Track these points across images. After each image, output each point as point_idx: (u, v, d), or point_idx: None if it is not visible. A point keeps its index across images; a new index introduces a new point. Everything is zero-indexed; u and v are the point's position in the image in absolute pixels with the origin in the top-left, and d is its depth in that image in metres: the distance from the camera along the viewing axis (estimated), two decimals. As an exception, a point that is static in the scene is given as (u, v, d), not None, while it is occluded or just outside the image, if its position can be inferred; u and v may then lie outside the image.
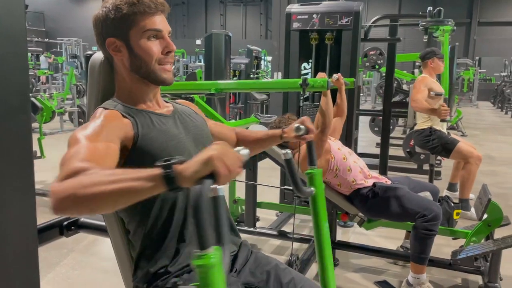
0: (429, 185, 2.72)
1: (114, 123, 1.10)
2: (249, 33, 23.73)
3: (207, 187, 0.79)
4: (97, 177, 0.84)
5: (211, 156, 0.80)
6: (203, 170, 0.80)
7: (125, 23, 1.14)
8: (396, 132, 7.73)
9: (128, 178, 0.83)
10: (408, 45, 17.09)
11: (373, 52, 5.29)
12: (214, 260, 0.78)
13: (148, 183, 0.82)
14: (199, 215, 0.78)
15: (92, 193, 0.81)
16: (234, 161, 0.84)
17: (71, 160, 0.91)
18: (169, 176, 0.81)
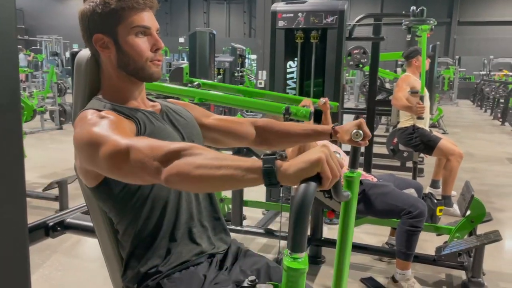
0: (413, 182, 2.76)
1: (123, 119, 1.08)
2: (233, 31, 23.68)
3: (312, 189, 0.76)
4: (204, 159, 0.85)
5: (321, 158, 0.78)
6: (309, 171, 0.78)
7: (113, 18, 1.12)
8: (379, 130, 7.82)
9: (232, 166, 0.83)
10: (390, 44, 17.26)
11: (357, 51, 5.32)
12: (305, 266, 0.76)
13: (248, 174, 0.81)
14: (301, 216, 0.75)
15: (201, 174, 0.84)
16: (338, 165, 0.81)
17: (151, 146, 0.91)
18: (269, 171, 0.79)
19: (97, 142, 0.98)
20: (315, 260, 2.84)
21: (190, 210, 1.20)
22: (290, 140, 1.42)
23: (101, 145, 0.97)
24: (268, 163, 0.80)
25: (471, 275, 2.39)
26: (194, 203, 1.21)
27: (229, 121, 1.41)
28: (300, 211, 0.76)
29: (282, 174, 0.80)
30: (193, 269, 1.16)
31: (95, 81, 1.21)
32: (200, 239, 1.21)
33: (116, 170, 0.97)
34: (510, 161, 6.32)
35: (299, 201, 0.76)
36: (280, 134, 1.40)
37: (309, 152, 0.81)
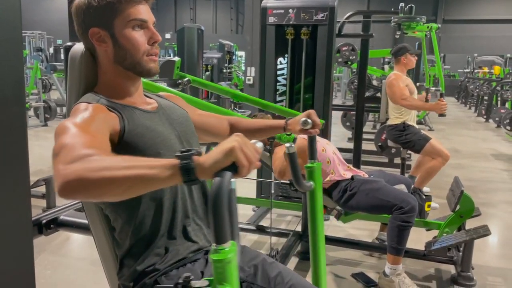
0: (403, 178, 2.78)
1: (103, 115, 1.06)
2: (220, 28, 23.58)
3: (228, 179, 0.76)
4: (110, 161, 0.81)
5: (233, 147, 0.78)
6: (224, 161, 0.78)
7: (110, 11, 1.10)
8: (367, 126, 7.87)
9: (143, 165, 0.80)
10: (376, 41, 17.41)
11: (345, 48, 5.37)
12: (231, 255, 0.76)
13: (164, 173, 0.79)
14: (218, 208, 0.75)
15: (104, 177, 0.77)
16: (253, 153, 0.81)
17: (72, 147, 0.85)
18: (188, 167, 0.78)
19: (56, 135, 0.94)
20: (307, 256, 2.85)
21: (185, 209, 1.18)
22: (253, 136, 1.45)
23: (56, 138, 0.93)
24: (185, 159, 0.79)
25: (460, 270, 2.43)
26: (188, 201, 1.20)
27: (210, 116, 1.45)
28: (216, 202, 0.76)
29: (200, 168, 0.79)
30: (190, 265, 1.15)
31: (91, 76, 1.18)
32: (196, 237, 1.19)
33: None
34: (494, 157, 6.42)
35: (214, 192, 0.76)
36: (245, 130, 1.45)
37: (223, 143, 0.81)
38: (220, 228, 0.76)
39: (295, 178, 1.42)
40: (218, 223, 0.76)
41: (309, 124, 1.37)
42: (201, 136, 1.42)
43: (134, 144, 1.08)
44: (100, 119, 1.04)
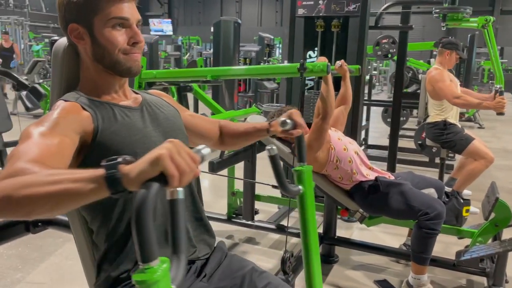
0: (434, 181, 2.58)
1: (72, 116, 1.01)
2: (265, 20, 23.45)
3: (153, 191, 0.69)
4: (36, 177, 0.75)
5: (160, 155, 0.70)
6: (151, 171, 0.70)
7: (89, 8, 1.04)
8: (410, 123, 7.52)
9: (67, 179, 0.74)
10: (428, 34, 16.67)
11: (385, 40, 5.11)
12: (158, 274, 0.68)
13: (88, 185, 0.73)
14: (141, 222, 0.67)
15: (28, 194, 0.73)
16: (188, 161, 0.73)
17: (18, 159, 0.83)
18: (113, 178, 0.71)
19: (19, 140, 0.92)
20: (328, 259, 2.73)
21: (166, 211, 1.12)
22: (238, 140, 1.41)
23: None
24: (111, 169, 0.72)
25: (492, 283, 2.22)
26: None
27: (201, 118, 1.39)
28: (139, 217, 0.67)
29: (126, 179, 0.71)
30: (168, 274, 1.09)
31: (73, 72, 1.14)
32: None
33: None
34: (550, 159, 5.93)
35: (136, 206, 0.68)
36: (231, 134, 1.40)
37: (152, 151, 0.73)
38: (143, 245, 0.68)
39: (279, 182, 1.33)
40: (141, 239, 0.68)
41: (288, 124, 1.27)
42: (190, 138, 1.35)
43: (109, 143, 1.03)
44: (68, 120, 0.99)
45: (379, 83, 15.80)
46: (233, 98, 6.01)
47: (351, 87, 2.64)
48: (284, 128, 1.27)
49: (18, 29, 12.92)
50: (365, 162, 2.41)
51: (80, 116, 1.02)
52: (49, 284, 2.41)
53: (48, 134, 0.92)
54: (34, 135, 0.91)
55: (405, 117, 6.84)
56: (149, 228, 0.68)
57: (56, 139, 0.93)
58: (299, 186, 1.40)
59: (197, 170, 0.75)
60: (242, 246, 2.95)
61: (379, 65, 14.88)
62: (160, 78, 2.60)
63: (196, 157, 0.76)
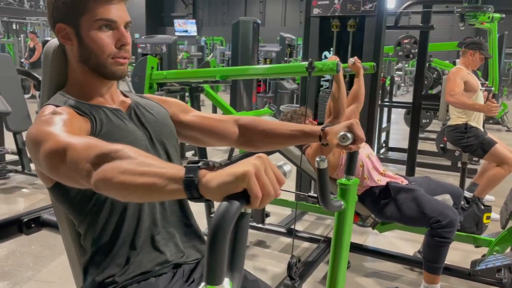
0: (450, 187, 2.48)
1: (77, 118, 1.01)
2: (288, 21, 23.33)
3: (234, 209, 0.63)
4: (130, 164, 0.76)
5: (247, 172, 0.65)
6: (234, 186, 0.65)
7: (77, 8, 1.02)
8: (435, 125, 7.32)
9: (155, 173, 0.73)
10: (456, 34, 16.21)
11: (407, 40, 4.98)
12: None
13: (170, 184, 0.70)
14: (216, 240, 0.62)
15: (122, 181, 0.75)
16: (273, 182, 0.68)
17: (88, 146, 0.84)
18: (191, 182, 0.68)
19: (40, 141, 0.91)
20: (339, 265, 2.66)
21: (153, 216, 1.09)
22: (275, 141, 1.26)
23: (42, 143, 0.90)
24: (189, 173, 0.68)
25: (510, 295, 2.12)
26: (158, 208, 1.10)
27: (210, 118, 1.29)
28: (216, 235, 0.62)
29: (204, 187, 0.67)
30: (153, 280, 1.06)
31: (62, 73, 1.13)
32: (165, 247, 1.10)
33: (54, 171, 0.90)
34: None
35: (215, 223, 0.62)
36: (265, 134, 1.24)
37: (239, 163, 0.67)
38: (215, 266, 0.63)
39: (322, 198, 1.21)
40: (213, 260, 0.62)
41: (348, 139, 1.12)
42: (203, 139, 1.30)
43: None
44: (76, 120, 0.99)
45: (405, 84, 15.47)
46: (252, 98, 5.96)
47: (364, 86, 2.57)
48: (344, 143, 1.13)
49: (47, 30, 13.26)
50: (376, 167, 2.34)
51: (79, 118, 1.02)
52: (58, 283, 2.44)
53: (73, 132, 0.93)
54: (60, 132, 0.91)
55: (428, 119, 6.65)
56: (224, 248, 0.63)
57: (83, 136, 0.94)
58: (341, 202, 1.29)
59: (279, 191, 0.69)
60: (252, 249, 2.91)
61: (405, 65, 14.57)
62: (170, 78, 2.59)
63: (282, 178, 0.70)
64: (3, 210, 3.49)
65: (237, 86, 5.66)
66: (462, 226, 2.57)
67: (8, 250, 2.76)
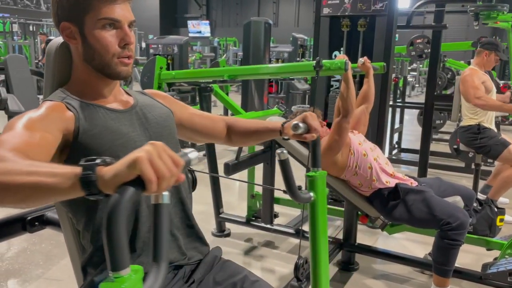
0: (462, 188, 2.43)
1: (56, 114, 1.00)
2: (302, 21, 23.25)
3: (128, 196, 0.65)
4: (14, 165, 0.74)
5: (138, 158, 0.66)
6: (127, 174, 0.67)
7: (81, 7, 1.03)
8: (449, 126, 7.21)
9: (45, 172, 0.72)
10: (472, 33, 15.97)
11: (419, 40, 4.92)
12: (127, 285, 0.64)
13: (64, 182, 0.70)
14: (112, 228, 0.64)
15: (9, 182, 0.71)
16: (169, 164, 0.69)
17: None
18: (88, 179, 0.68)
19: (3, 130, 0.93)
20: (347, 267, 2.64)
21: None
22: (250, 138, 1.37)
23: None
24: (87, 170, 0.69)
25: (523, 300, 2.07)
26: None
27: (203, 117, 1.34)
28: (110, 223, 0.64)
29: (101, 181, 0.68)
30: (153, 280, 1.06)
31: (65, 71, 1.13)
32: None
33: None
34: None
35: (108, 211, 0.64)
36: (240, 132, 1.35)
37: (131, 153, 0.68)
38: (113, 253, 0.64)
39: (288, 188, 1.26)
40: (111, 246, 0.64)
41: (300, 128, 1.19)
42: (194, 137, 1.36)
43: (89, 146, 1.01)
44: (52, 117, 0.98)
45: (419, 84, 15.29)
46: (263, 99, 5.95)
47: (374, 86, 2.54)
48: (296, 132, 1.21)
49: (62, 31, 13.45)
50: (385, 169, 2.30)
51: (64, 115, 1.01)
52: (67, 281, 2.46)
53: (31, 128, 0.92)
54: (17, 127, 0.91)
55: (442, 120, 6.56)
56: (121, 235, 0.65)
57: (39, 133, 0.92)
58: (310, 193, 1.34)
59: (180, 175, 0.71)
60: (260, 250, 2.90)
61: (419, 65, 14.40)
62: (179, 78, 2.60)
63: (179, 161, 0.71)
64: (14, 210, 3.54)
65: (249, 86, 5.66)
66: (475, 229, 2.53)
67: (19, 248, 2.79)
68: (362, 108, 2.49)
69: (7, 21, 14.75)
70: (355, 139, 2.32)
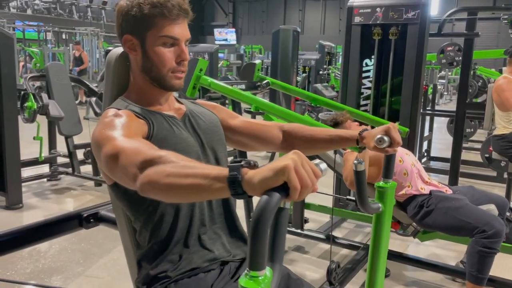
0: (496, 197, 2.42)
1: (136, 121, 1.09)
2: (328, 29, 23.28)
3: (275, 200, 0.69)
4: (174, 168, 0.82)
5: (286, 166, 0.70)
6: (274, 180, 0.70)
7: (144, 23, 1.12)
8: (480, 135, 7.09)
9: (199, 174, 0.79)
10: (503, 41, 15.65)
11: (450, 48, 4.89)
12: (264, 285, 0.67)
13: (215, 184, 0.76)
14: (258, 231, 0.67)
15: (169, 183, 0.81)
16: (310, 175, 0.73)
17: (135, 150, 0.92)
18: (235, 180, 0.73)
19: (101, 143, 1.00)
20: (378, 273, 2.65)
21: (202, 217, 1.16)
22: (315, 146, 1.32)
23: (102, 146, 0.99)
24: (233, 171, 0.74)
25: (560, 310, 2.04)
26: (206, 210, 1.17)
27: (255, 123, 1.36)
28: (257, 225, 0.67)
29: (247, 183, 0.72)
30: (203, 276, 1.13)
31: (124, 79, 1.23)
32: (212, 246, 1.17)
33: (111, 173, 1.00)
34: None
35: (257, 213, 0.68)
36: (305, 139, 1.32)
37: (278, 159, 0.73)
38: (256, 254, 0.68)
39: (359, 199, 1.27)
40: (255, 248, 0.67)
41: (385, 142, 1.17)
42: (249, 144, 1.37)
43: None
44: (135, 124, 1.07)
45: (448, 92, 15.04)
46: (290, 105, 6.01)
47: None
48: (380, 146, 1.18)
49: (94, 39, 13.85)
50: (421, 175, 2.32)
51: (139, 123, 1.10)
52: (107, 279, 2.56)
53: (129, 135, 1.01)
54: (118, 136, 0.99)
55: (473, 128, 6.46)
56: (265, 237, 0.68)
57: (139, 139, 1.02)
58: (379, 204, 1.34)
59: (316, 185, 0.74)
60: (291, 254, 2.94)
61: (448, 73, 14.18)
62: (213, 88, 2.69)
63: (318, 172, 0.75)
64: (54, 210, 3.69)
65: (276, 93, 5.73)
66: (508, 238, 2.50)
67: (60, 247, 2.92)
68: None
69: (42, 29, 15.30)
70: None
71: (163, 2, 1.10)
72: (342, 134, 1.28)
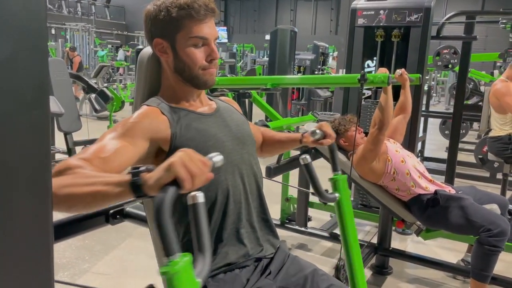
0: (497, 197, 2.50)
1: (147, 121, 1.11)
2: (319, 29, 23.40)
3: (170, 194, 0.78)
4: (77, 178, 0.88)
5: (172, 162, 0.79)
6: (166, 177, 0.79)
7: (173, 26, 1.14)
8: (470, 136, 7.23)
9: (100, 182, 0.85)
10: (490, 44, 15.93)
11: (446, 50, 4.97)
12: (179, 266, 0.77)
13: (116, 189, 0.84)
14: (159, 221, 0.77)
15: (68, 193, 0.85)
16: (199, 165, 0.81)
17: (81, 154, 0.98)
18: (136, 184, 0.82)
19: None
20: (381, 271, 2.71)
21: (238, 211, 1.19)
22: (273, 148, 1.50)
23: None
24: (134, 177, 0.82)
25: (560, 307, 2.12)
26: (243, 203, 1.20)
27: (253, 127, 1.46)
28: (157, 217, 0.77)
29: (146, 185, 0.81)
30: (238, 271, 1.16)
31: (155, 79, 1.25)
32: (247, 240, 1.20)
33: None
34: None
35: (154, 208, 0.77)
36: (268, 142, 1.50)
37: (166, 160, 0.81)
38: (164, 241, 0.77)
39: (315, 189, 1.41)
40: (162, 236, 0.77)
41: (317, 134, 1.38)
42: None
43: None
44: (141, 126, 1.09)
45: (436, 94, 15.25)
46: (287, 105, 6.06)
47: (410, 96, 2.62)
48: (314, 138, 1.39)
49: (85, 35, 13.74)
50: (424, 175, 2.38)
51: (157, 121, 1.12)
52: (113, 276, 2.57)
53: (116, 137, 1.05)
54: (105, 136, 1.05)
55: (464, 130, 6.59)
56: (168, 226, 0.77)
57: (121, 143, 1.04)
58: (335, 194, 1.50)
59: (209, 173, 0.83)
60: (295, 252, 2.98)
61: (437, 75, 14.38)
62: (221, 84, 2.71)
63: (207, 162, 0.84)
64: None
65: (274, 93, 5.78)
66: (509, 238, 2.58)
67: (64, 244, 2.91)
68: (399, 118, 2.57)
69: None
70: (391, 147, 2.40)
71: (189, 3, 1.12)
72: (290, 136, 1.50)
